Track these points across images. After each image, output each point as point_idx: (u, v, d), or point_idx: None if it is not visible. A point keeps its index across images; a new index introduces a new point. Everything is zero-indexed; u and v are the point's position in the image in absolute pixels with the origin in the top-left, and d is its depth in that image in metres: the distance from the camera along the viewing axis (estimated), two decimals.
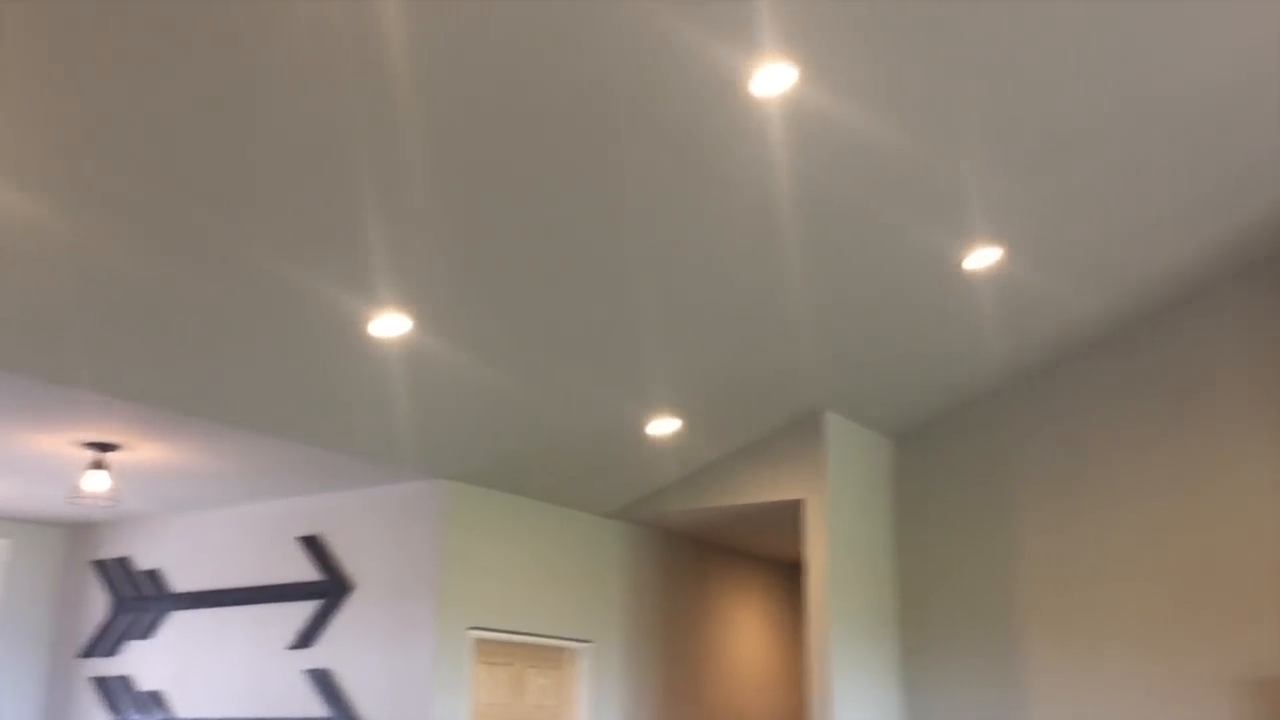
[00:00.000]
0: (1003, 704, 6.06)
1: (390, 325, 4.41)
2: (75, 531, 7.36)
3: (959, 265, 5.04)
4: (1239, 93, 4.38)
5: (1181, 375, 5.92)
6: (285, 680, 6.15)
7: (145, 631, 6.84)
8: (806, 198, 4.28)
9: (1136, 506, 5.91)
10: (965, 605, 6.29)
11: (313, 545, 6.27)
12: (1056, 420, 6.23)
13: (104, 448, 5.39)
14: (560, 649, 6.59)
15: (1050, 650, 6.00)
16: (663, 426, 5.78)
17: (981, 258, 5.02)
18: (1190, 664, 5.61)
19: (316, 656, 6.08)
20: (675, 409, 5.67)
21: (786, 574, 8.86)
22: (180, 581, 6.79)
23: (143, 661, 6.79)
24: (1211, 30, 3.97)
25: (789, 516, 6.56)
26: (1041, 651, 6.02)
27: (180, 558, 6.83)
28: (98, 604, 7.13)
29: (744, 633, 8.23)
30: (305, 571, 6.28)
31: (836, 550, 6.03)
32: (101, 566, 7.16)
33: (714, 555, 7.96)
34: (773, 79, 3.60)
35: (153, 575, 6.91)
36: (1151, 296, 5.86)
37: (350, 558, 6.13)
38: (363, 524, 6.15)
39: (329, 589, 6.14)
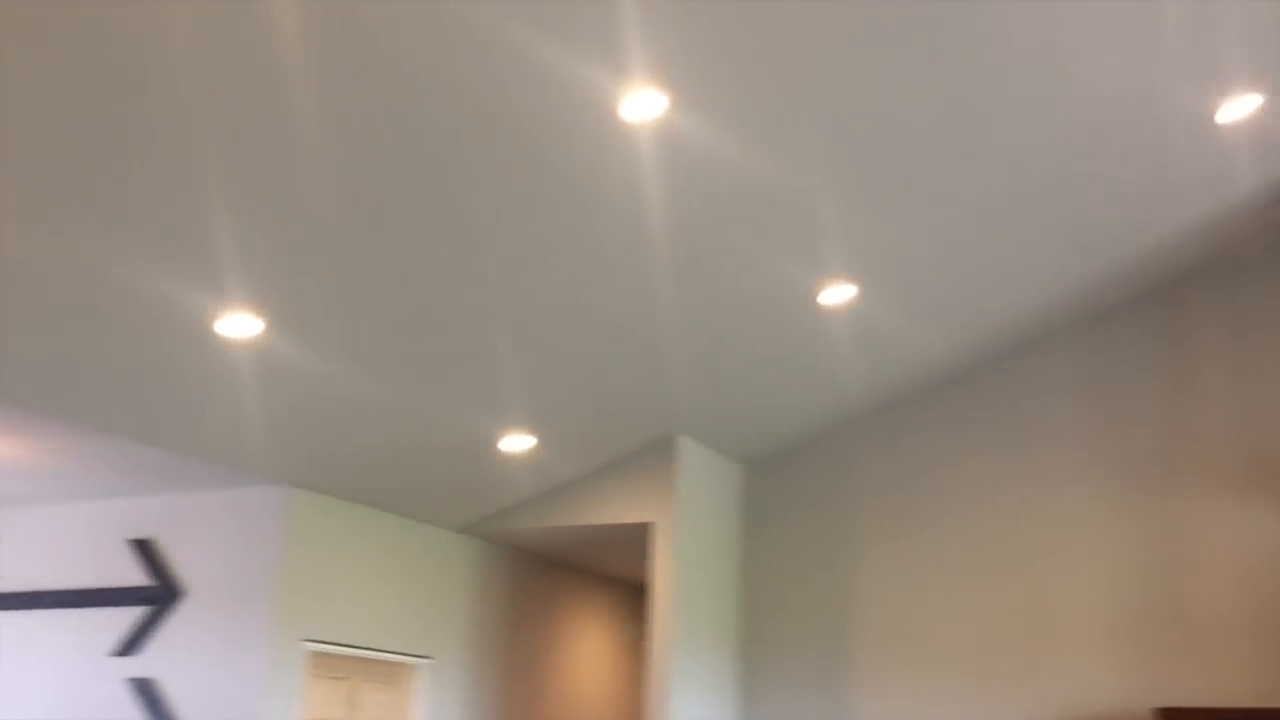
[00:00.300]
0: None
1: (239, 326, 4.28)
2: None
3: (815, 300, 5.15)
4: (1087, 150, 4.60)
5: (1017, 418, 6.16)
6: (105, 689, 5.87)
7: None
8: (672, 224, 4.32)
9: (969, 541, 6.12)
10: (804, 630, 6.41)
11: (144, 549, 6.02)
12: (900, 454, 6.41)
13: None
14: (399, 665, 6.46)
15: (881, 677, 6.15)
16: (516, 443, 5.74)
17: (837, 294, 5.14)
18: (1011, 695, 5.82)
19: (140, 665, 5.83)
20: (530, 427, 5.64)
21: (633, 595, 8.88)
22: (1, 580, 6.45)
23: None
24: (1064, 85, 4.16)
25: (638, 538, 6.59)
26: (873, 677, 6.16)
27: (1, 556, 6.48)
28: None
29: (589, 654, 8.21)
30: (134, 576, 6.02)
31: (682, 573, 6.08)
32: None
33: (562, 575, 7.94)
34: (642, 105, 3.63)
35: None
36: (996, 340, 6.09)
37: (184, 563, 5.90)
38: (201, 528, 5.93)
39: (158, 595, 5.90)
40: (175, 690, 5.70)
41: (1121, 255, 5.50)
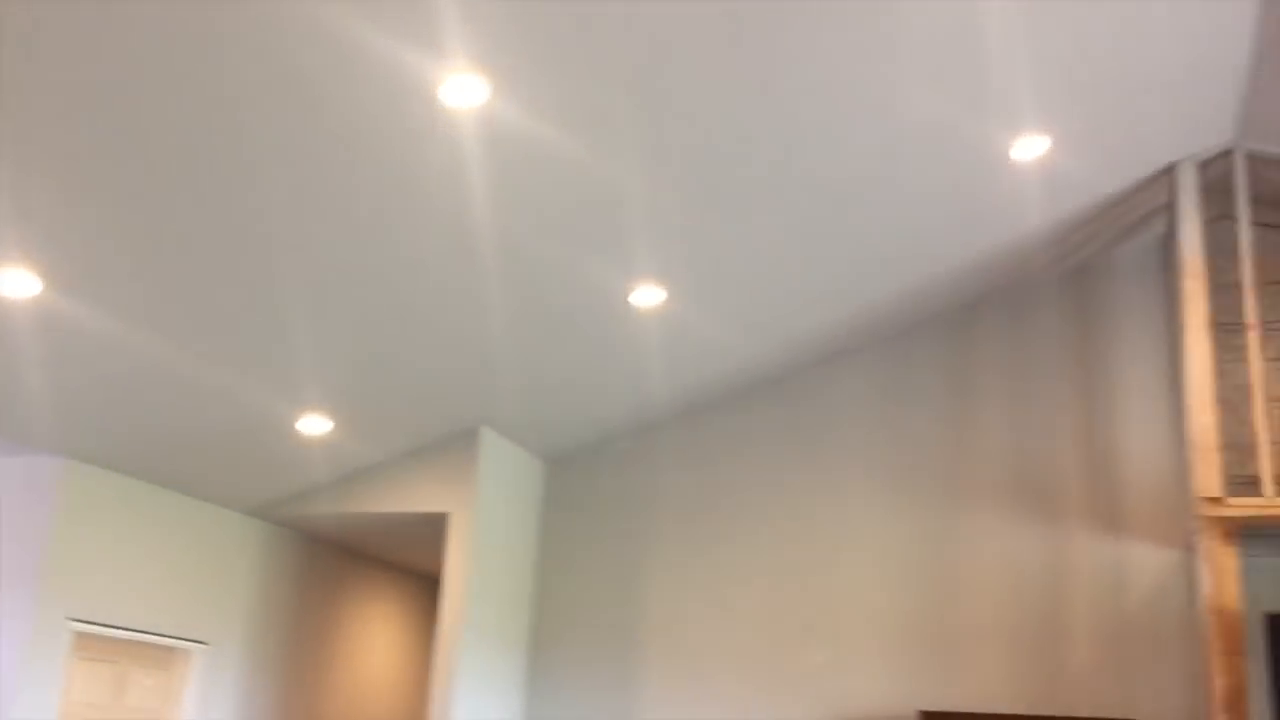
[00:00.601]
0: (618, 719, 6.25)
1: (16, 283, 4.02)
2: None
3: (626, 301, 5.20)
4: (891, 176, 4.79)
5: (812, 427, 6.36)
6: None
7: None
8: (489, 215, 4.28)
9: (759, 547, 6.28)
10: (594, 629, 6.45)
11: None
12: (700, 459, 6.53)
13: None
14: (171, 649, 6.19)
15: (667, 678, 6.24)
16: (313, 425, 5.58)
17: (647, 296, 5.20)
18: (793, 697, 6.00)
19: None
20: (328, 409, 5.50)
21: (428, 586, 8.77)
22: None
23: None
24: (873, 114, 4.32)
25: (435, 529, 6.50)
26: (659, 678, 6.26)
27: None
28: None
29: (378, 645, 8.06)
30: None
31: (475, 566, 6.03)
32: None
33: (355, 563, 7.76)
34: (464, 90, 3.58)
35: None
36: (797, 351, 6.26)
37: None
38: None
39: None
40: None
41: (918, 279, 5.75)
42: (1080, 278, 6.16)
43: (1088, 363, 6.05)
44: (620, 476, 6.66)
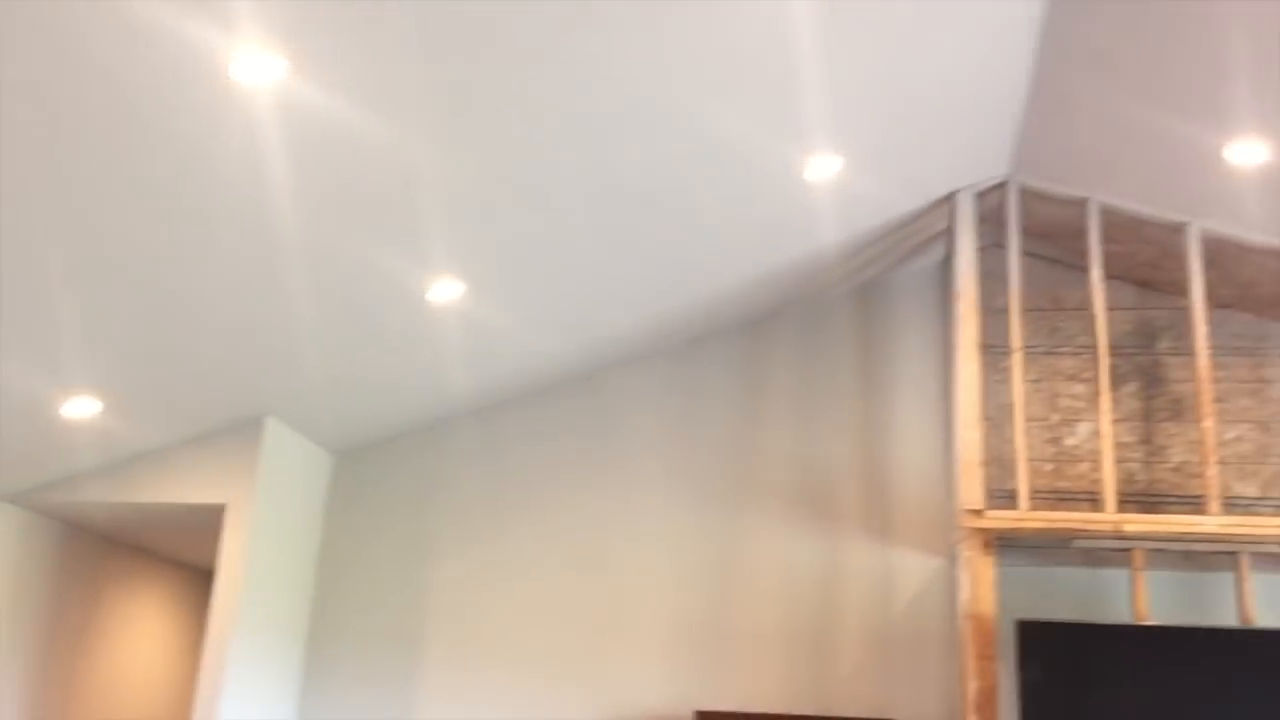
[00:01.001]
0: (397, 717, 6.15)
1: None
2: None
3: (424, 296, 5.13)
4: (691, 188, 4.89)
5: (608, 428, 6.42)
6: None
7: None
8: (283, 201, 4.14)
9: (550, 545, 6.30)
10: (377, 624, 6.32)
11: None
12: (494, 455, 6.50)
13: None
14: None
15: (450, 676, 6.18)
16: (81, 408, 5.28)
17: (446, 291, 5.14)
18: (576, 695, 6.03)
19: None
20: (97, 391, 5.20)
21: (202, 580, 8.42)
22: None
23: None
24: (676, 126, 4.40)
25: (211, 521, 6.24)
26: (442, 677, 6.19)
27: None
28: None
29: (145, 640, 7.68)
30: None
31: (253, 560, 5.83)
32: None
33: (123, 554, 7.38)
34: (258, 68, 3.46)
35: None
36: (596, 352, 6.31)
37: None
38: None
39: None
40: None
41: (714, 287, 5.88)
42: (867, 295, 6.44)
43: (869, 376, 6.32)
44: (411, 471, 6.56)
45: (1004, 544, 5.37)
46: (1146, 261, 5.88)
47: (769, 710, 5.83)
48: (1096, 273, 5.56)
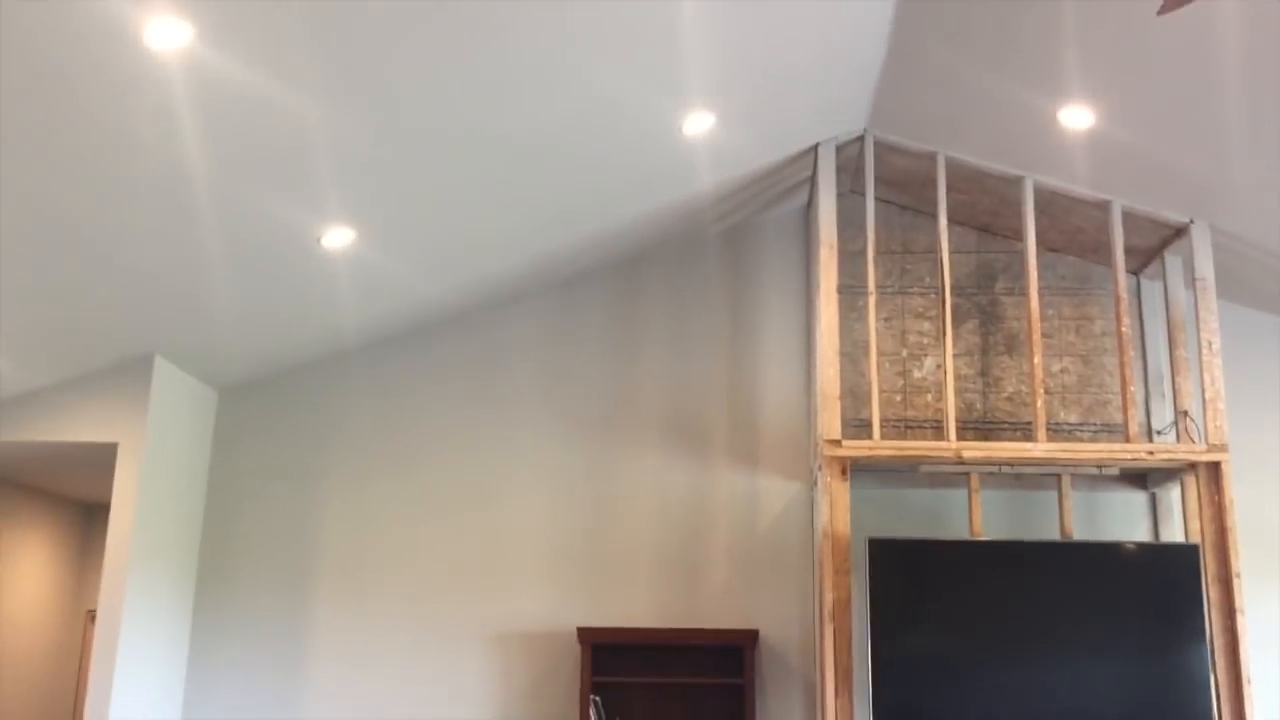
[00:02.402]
0: (286, 653, 6.42)
1: None
2: None
3: (317, 241, 5.31)
4: (574, 139, 5.17)
5: (491, 364, 6.73)
6: None
7: None
8: (184, 154, 4.29)
9: (436, 479, 6.61)
10: (267, 558, 6.56)
11: None
12: (377, 393, 6.74)
13: None
14: None
15: (339, 605, 6.48)
16: None
17: (337, 237, 5.34)
18: (463, 618, 6.41)
19: None
20: None
21: (89, 515, 8.47)
22: None
23: None
24: (561, 82, 4.67)
25: (101, 458, 6.35)
26: (329, 607, 6.48)
27: None
28: None
29: (33, 575, 7.74)
30: None
31: (145, 497, 5.99)
32: None
33: (11, 492, 7.39)
34: (168, 33, 3.61)
35: None
36: (480, 292, 6.57)
37: None
38: None
39: None
40: None
41: (593, 231, 6.20)
42: (736, 238, 6.85)
43: (737, 315, 6.75)
44: (299, 408, 6.76)
45: (858, 469, 5.90)
46: (987, 209, 6.42)
47: (645, 625, 6.31)
48: (943, 221, 6.07)
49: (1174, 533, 6.13)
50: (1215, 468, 5.59)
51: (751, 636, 6.08)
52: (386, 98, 4.40)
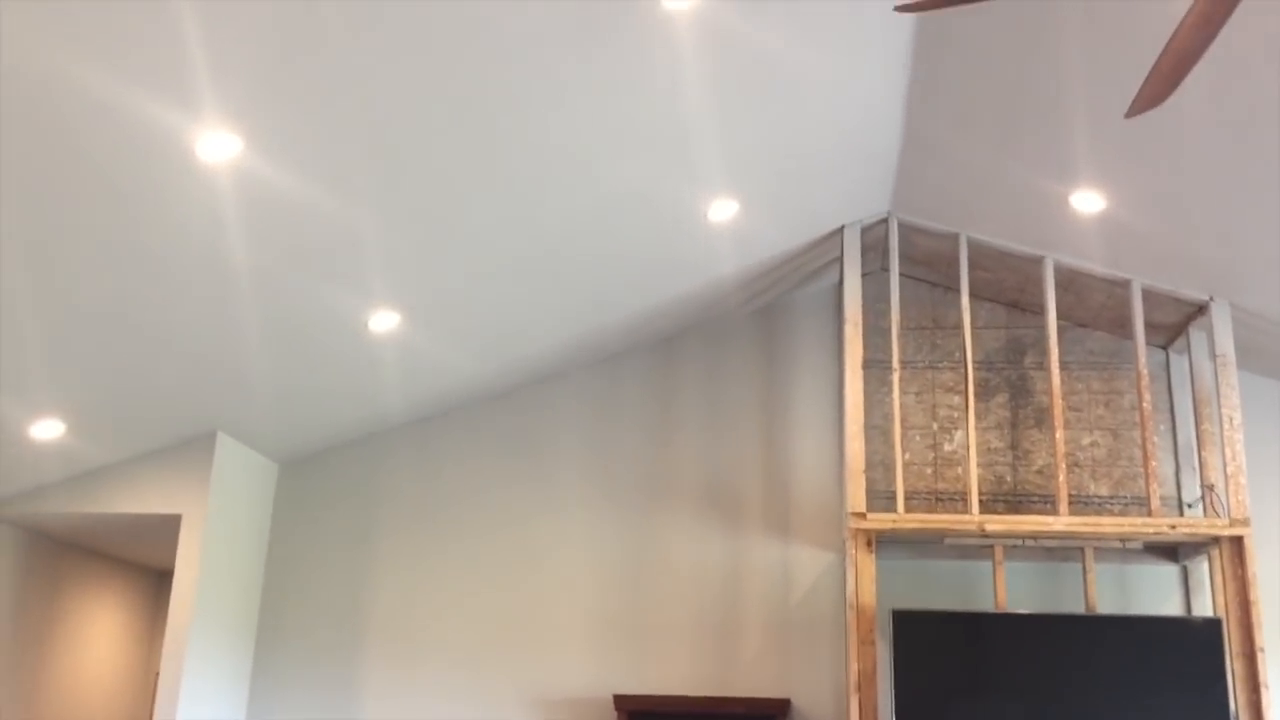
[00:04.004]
0: (339, 713, 6.70)
1: None
2: None
3: (365, 324, 5.67)
4: (605, 228, 5.48)
5: (533, 439, 7.02)
6: None
7: None
8: (239, 249, 4.67)
9: (482, 549, 6.88)
10: (321, 625, 6.87)
11: None
12: (428, 466, 7.06)
13: None
14: None
15: (390, 672, 6.75)
16: (46, 430, 5.75)
17: (384, 320, 5.69)
18: (507, 684, 6.64)
19: None
20: (61, 414, 5.68)
21: (158, 582, 8.88)
22: None
23: None
24: (589, 175, 4.99)
25: (170, 527, 6.74)
26: (382, 673, 6.75)
27: None
28: None
29: (104, 640, 8.14)
30: None
31: (206, 566, 6.34)
32: None
33: (83, 558, 7.83)
34: (218, 145, 3.99)
35: None
36: (522, 371, 6.89)
37: None
38: None
39: None
40: None
41: (626, 314, 6.49)
42: (767, 316, 7.09)
43: (772, 390, 6.97)
44: (352, 480, 7.10)
45: (885, 541, 6.05)
46: (1013, 286, 6.59)
47: (680, 693, 6.48)
48: (965, 299, 6.25)
49: (1204, 606, 6.16)
50: (1238, 541, 5.64)
51: (784, 706, 6.22)
52: (427, 193, 4.75)
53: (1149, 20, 3.96)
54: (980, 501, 6.20)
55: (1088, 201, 5.48)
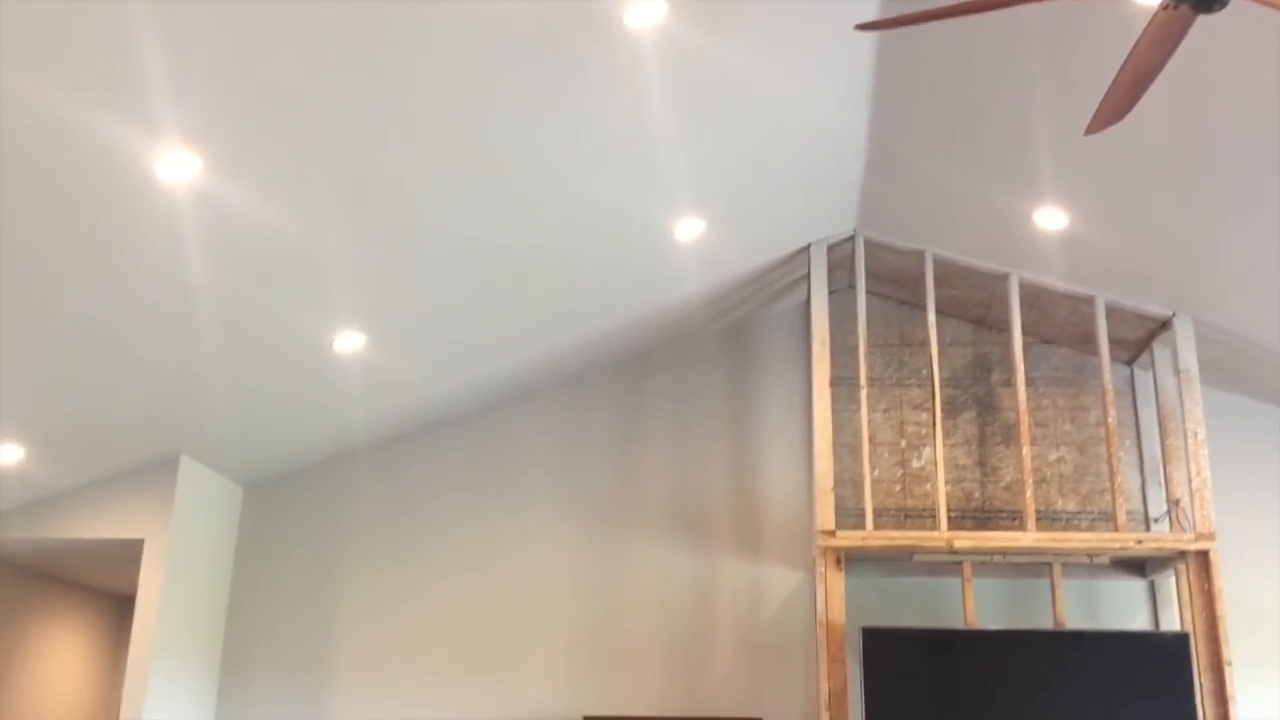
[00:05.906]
0: None
1: None
2: None
3: (329, 345, 5.62)
4: (572, 247, 5.46)
5: (502, 458, 6.98)
6: None
7: None
8: (201, 270, 4.62)
9: (450, 568, 6.82)
10: (287, 646, 6.78)
11: None
12: (394, 487, 7.00)
13: None
14: None
15: (358, 693, 6.67)
16: (4, 455, 5.67)
17: (348, 341, 5.65)
18: (477, 704, 6.57)
19: None
20: (19, 439, 5.60)
21: (121, 607, 8.76)
22: None
23: None
24: (556, 194, 4.97)
25: (132, 552, 6.64)
26: (346, 692, 6.67)
27: None
28: None
29: (65, 665, 8.01)
30: None
31: (170, 590, 6.25)
32: None
33: (43, 584, 7.71)
34: (177, 165, 3.95)
35: None
36: (489, 390, 6.85)
37: None
38: None
39: None
40: None
41: (592, 333, 6.47)
42: (735, 335, 7.09)
43: (740, 409, 6.96)
44: (318, 503, 7.03)
45: (854, 559, 6.04)
46: (979, 303, 6.62)
47: (650, 713, 6.43)
48: (931, 316, 6.27)
49: (1172, 620, 6.19)
50: (1204, 556, 5.67)
51: None
52: (391, 213, 4.72)
53: (1110, 38, 4.00)
54: (949, 518, 6.21)
55: (1051, 218, 5.51)
